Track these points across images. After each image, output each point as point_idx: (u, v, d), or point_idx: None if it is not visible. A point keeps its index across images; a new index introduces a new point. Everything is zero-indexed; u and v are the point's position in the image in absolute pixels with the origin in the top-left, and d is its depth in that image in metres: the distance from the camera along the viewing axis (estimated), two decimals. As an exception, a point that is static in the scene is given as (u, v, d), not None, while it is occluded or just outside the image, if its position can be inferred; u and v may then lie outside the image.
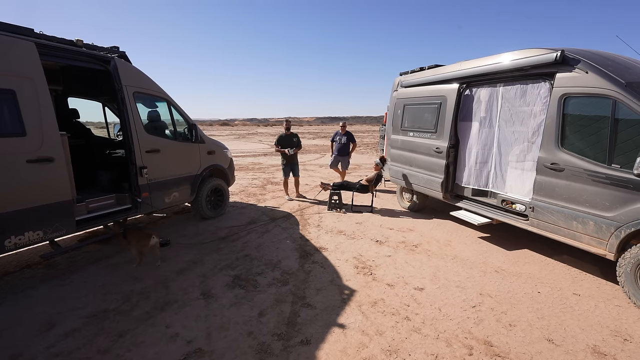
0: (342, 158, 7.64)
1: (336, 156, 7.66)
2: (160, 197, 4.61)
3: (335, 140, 7.62)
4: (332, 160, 7.75)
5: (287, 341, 2.57)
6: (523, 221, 4.00)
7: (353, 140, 7.62)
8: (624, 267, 3.09)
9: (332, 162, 7.77)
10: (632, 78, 3.18)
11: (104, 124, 5.79)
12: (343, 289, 3.37)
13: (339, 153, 7.58)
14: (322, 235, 4.90)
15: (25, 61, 3.15)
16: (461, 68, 4.81)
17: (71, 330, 2.71)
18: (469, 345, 2.53)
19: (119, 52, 4.32)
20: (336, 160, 7.68)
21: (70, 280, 3.56)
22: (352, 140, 7.61)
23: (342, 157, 7.63)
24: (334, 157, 7.72)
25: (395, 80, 6.39)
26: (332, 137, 7.83)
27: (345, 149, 7.58)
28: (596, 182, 3.21)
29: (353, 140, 7.62)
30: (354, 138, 7.67)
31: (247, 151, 17.60)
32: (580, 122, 3.42)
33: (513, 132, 4.29)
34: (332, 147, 7.81)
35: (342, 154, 7.60)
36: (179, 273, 3.70)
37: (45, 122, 3.24)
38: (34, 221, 3.21)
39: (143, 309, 3.01)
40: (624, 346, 2.52)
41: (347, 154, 7.63)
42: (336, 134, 7.68)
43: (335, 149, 7.65)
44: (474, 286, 3.40)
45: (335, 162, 7.72)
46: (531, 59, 3.75)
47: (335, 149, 7.62)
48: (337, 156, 7.64)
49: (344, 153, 7.60)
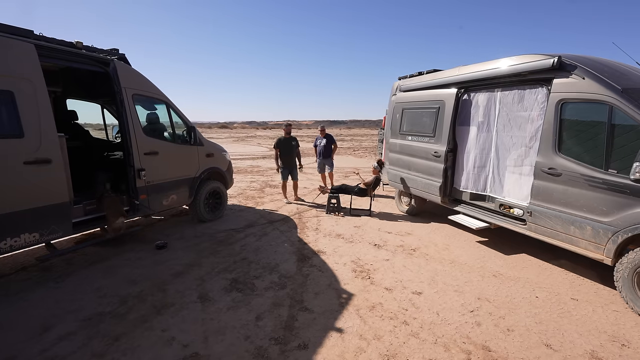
0: (326, 160, 7.68)
1: (320, 160, 7.68)
2: (158, 199, 4.59)
3: (317, 144, 7.66)
4: (318, 164, 7.77)
5: (285, 345, 2.56)
6: (521, 226, 4.01)
7: (333, 141, 7.68)
8: (621, 272, 3.09)
9: (319, 167, 7.77)
10: (628, 84, 3.21)
11: (102, 126, 5.79)
12: (341, 292, 3.36)
13: (323, 156, 7.63)
14: (320, 239, 4.89)
15: (25, 63, 3.15)
16: (459, 73, 4.84)
17: (66, 334, 2.68)
18: (467, 350, 2.52)
19: (119, 55, 4.32)
20: (322, 164, 7.70)
21: (65, 283, 3.53)
22: (333, 141, 7.67)
23: (326, 159, 7.67)
24: (319, 162, 7.74)
25: (394, 85, 6.42)
26: (314, 142, 7.86)
27: (328, 151, 7.63)
28: (593, 187, 3.22)
29: (333, 141, 7.68)
30: (334, 139, 7.72)
31: (245, 154, 17.59)
32: (577, 127, 3.44)
33: (511, 136, 4.31)
34: (315, 152, 7.85)
35: (326, 156, 7.65)
36: (176, 276, 3.68)
37: (44, 123, 3.23)
38: (30, 223, 3.19)
39: (139, 312, 2.99)
40: (622, 352, 2.52)
41: (329, 155, 7.69)
42: (317, 138, 7.71)
43: (318, 152, 7.69)
44: (472, 290, 3.40)
45: (321, 166, 7.72)
46: (528, 65, 3.78)
47: (319, 153, 7.67)
48: (322, 160, 7.67)
49: (327, 155, 7.66)
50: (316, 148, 7.75)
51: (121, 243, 4.58)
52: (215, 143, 5.88)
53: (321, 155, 7.61)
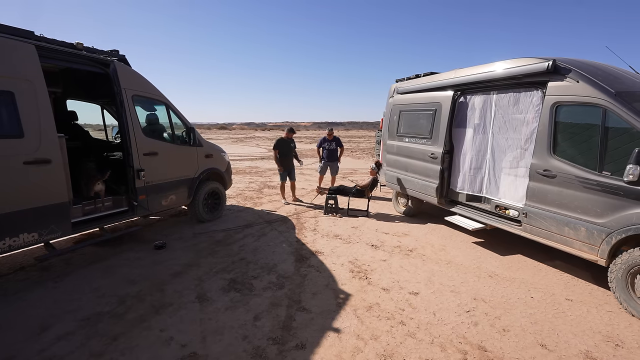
0: (331, 164, 7.69)
1: (325, 162, 7.68)
2: (157, 199, 4.61)
3: (324, 146, 7.65)
4: (322, 166, 7.76)
5: (282, 345, 2.58)
6: (516, 227, 4.05)
7: (341, 145, 7.71)
8: (615, 272, 3.13)
9: (322, 169, 7.76)
10: (622, 87, 3.26)
11: (102, 127, 5.80)
12: (338, 293, 3.38)
13: (329, 159, 7.64)
14: (318, 239, 4.91)
15: (25, 64, 3.17)
16: (456, 76, 4.89)
17: (64, 334, 2.69)
18: (463, 350, 2.55)
19: (119, 56, 4.35)
20: (325, 166, 7.70)
21: (64, 282, 3.53)
22: (340, 145, 7.69)
23: (331, 162, 7.68)
24: (323, 163, 7.73)
25: (392, 87, 6.47)
26: (318, 143, 7.84)
27: (334, 154, 7.64)
28: (587, 189, 3.27)
29: (341, 145, 7.71)
30: (341, 143, 7.75)
31: (244, 155, 17.60)
32: (571, 130, 3.49)
33: (506, 139, 4.36)
34: (319, 154, 7.84)
35: (332, 159, 7.66)
36: (174, 276, 3.69)
37: (44, 124, 3.25)
38: (30, 223, 3.20)
39: (138, 312, 3.00)
40: (616, 352, 2.55)
41: (336, 159, 7.69)
42: (324, 140, 7.69)
43: (324, 155, 7.69)
44: (468, 291, 3.43)
45: (324, 168, 7.72)
46: (524, 68, 3.83)
47: (325, 155, 7.67)
48: (327, 162, 7.67)
49: (333, 159, 7.66)
50: (320, 150, 7.74)
51: (120, 243, 4.60)
52: (214, 144, 5.90)
53: (327, 158, 7.62)
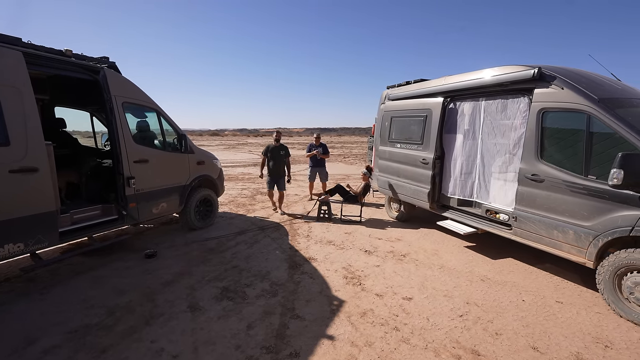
0: (319, 169, 7.70)
1: (313, 168, 7.67)
2: (147, 207, 4.54)
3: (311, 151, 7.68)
4: (310, 173, 7.76)
5: (276, 354, 2.55)
6: (507, 230, 4.11)
7: (327, 151, 7.75)
8: (602, 274, 3.20)
9: (310, 176, 7.76)
10: (604, 94, 3.37)
11: (91, 134, 5.72)
12: (332, 299, 3.37)
13: (316, 164, 7.65)
14: (311, 246, 4.90)
15: (12, 70, 3.11)
16: (445, 82, 4.99)
17: (51, 347, 2.61)
18: (457, 355, 2.55)
19: (109, 63, 4.31)
20: (313, 172, 7.69)
21: (51, 294, 3.44)
22: (326, 151, 7.73)
23: (319, 168, 7.69)
24: (310, 170, 7.72)
25: (383, 93, 6.55)
26: (307, 149, 7.86)
27: (321, 160, 7.66)
28: (574, 193, 3.35)
29: (327, 151, 7.75)
30: (327, 150, 7.79)
31: (236, 161, 17.51)
32: (557, 135, 3.58)
33: (495, 144, 4.45)
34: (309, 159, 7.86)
35: (320, 164, 7.68)
36: (165, 285, 3.63)
37: (30, 131, 3.19)
38: (15, 233, 3.11)
39: (127, 323, 2.93)
40: (605, 352, 2.59)
41: (323, 165, 7.72)
42: (311, 145, 7.74)
43: (310, 160, 7.71)
44: (461, 295, 3.45)
45: (313, 174, 7.72)
46: (510, 75, 3.94)
47: (311, 161, 7.69)
48: (314, 167, 7.66)
49: (321, 164, 7.68)
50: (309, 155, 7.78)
51: (109, 252, 4.50)
52: (206, 151, 5.87)
53: (314, 163, 7.62)
